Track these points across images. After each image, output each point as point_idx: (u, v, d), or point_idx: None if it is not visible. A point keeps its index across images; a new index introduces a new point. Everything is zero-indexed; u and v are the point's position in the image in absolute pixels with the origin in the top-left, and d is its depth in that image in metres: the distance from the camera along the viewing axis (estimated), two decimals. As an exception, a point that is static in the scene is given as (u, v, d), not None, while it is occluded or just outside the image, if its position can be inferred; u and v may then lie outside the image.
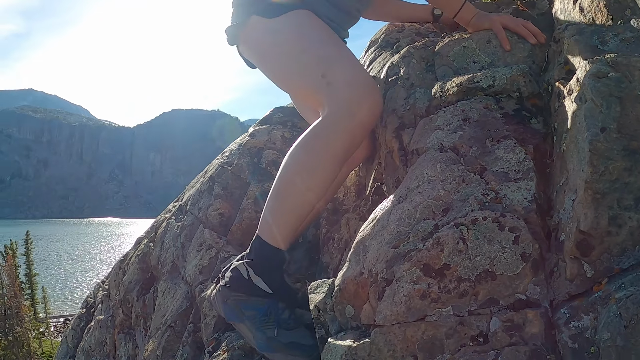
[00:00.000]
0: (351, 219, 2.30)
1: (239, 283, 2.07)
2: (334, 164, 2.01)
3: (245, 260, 2.08)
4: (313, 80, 2.08)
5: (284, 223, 2.04)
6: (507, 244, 1.43)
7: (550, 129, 1.75)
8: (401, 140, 2.06)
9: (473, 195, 1.56)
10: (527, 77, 1.88)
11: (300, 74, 2.19)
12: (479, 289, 1.41)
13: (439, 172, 1.67)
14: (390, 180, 2.11)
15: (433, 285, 1.45)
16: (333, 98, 1.98)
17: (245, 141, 3.78)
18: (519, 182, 1.57)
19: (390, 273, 1.53)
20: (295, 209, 2.04)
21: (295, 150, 2.05)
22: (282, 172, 2.06)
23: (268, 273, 2.05)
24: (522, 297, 1.39)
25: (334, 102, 1.97)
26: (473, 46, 2.17)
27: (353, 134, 1.98)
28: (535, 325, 1.35)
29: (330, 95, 1.99)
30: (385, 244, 1.62)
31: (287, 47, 2.22)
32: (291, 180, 2.02)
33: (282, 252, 2.06)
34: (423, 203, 1.63)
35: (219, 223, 3.36)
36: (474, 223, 1.47)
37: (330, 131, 1.96)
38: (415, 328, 1.44)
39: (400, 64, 2.37)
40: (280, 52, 2.26)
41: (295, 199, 2.03)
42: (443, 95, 2.01)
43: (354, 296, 1.67)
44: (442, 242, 1.47)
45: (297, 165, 2.02)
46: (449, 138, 1.78)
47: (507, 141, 1.70)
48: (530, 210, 1.49)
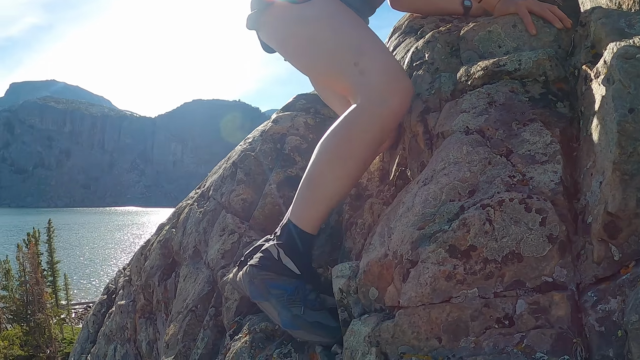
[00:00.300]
0: (375, 204, 2.29)
1: (269, 263, 2.10)
2: (366, 153, 2.03)
3: (276, 242, 2.11)
4: (344, 68, 2.07)
5: (315, 209, 2.06)
6: (533, 225, 1.41)
7: (576, 113, 1.73)
8: (426, 124, 2.05)
9: (499, 177, 1.55)
10: (553, 61, 1.86)
11: (330, 61, 2.18)
12: (505, 271, 1.40)
13: (465, 154, 1.66)
14: (414, 164, 2.11)
15: (459, 266, 1.44)
16: (366, 87, 1.98)
17: (268, 127, 3.78)
18: (546, 164, 1.55)
19: (415, 254, 1.53)
20: (327, 196, 2.06)
21: (328, 138, 2.06)
22: (315, 160, 2.07)
23: (297, 255, 2.08)
24: (548, 280, 1.38)
25: (367, 90, 1.97)
26: (498, 30, 2.15)
27: (386, 122, 1.98)
28: (561, 308, 1.34)
29: (363, 84, 1.99)
30: (410, 226, 1.61)
31: (316, 33, 2.20)
32: (324, 168, 2.04)
33: (312, 237, 2.09)
34: (449, 185, 1.62)
35: (241, 208, 3.36)
36: (501, 204, 1.46)
37: (363, 120, 1.96)
38: (440, 310, 1.44)
39: (424, 48, 2.35)
40: (307, 38, 2.25)
41: (327, 186, 2.05)
42: (468, 79, 2.00)
43: (378, 278, 1.67)
44: (469, 224, 1.46)
45: (330, 154, 2.03)
46: (474, 121, 1.77)
47: (534, 124, 1.68)
48: (557, 192, 1.48)
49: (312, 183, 2.07)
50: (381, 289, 1.66)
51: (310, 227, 2.07)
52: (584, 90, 1.68)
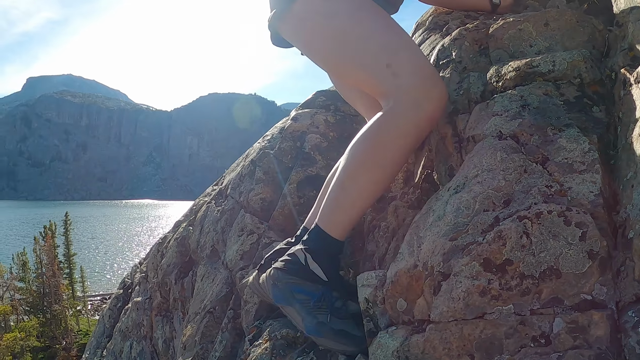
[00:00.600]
0: (399, 207, 2.23)
1: (295, 267, 2.05)
2: (400, 158, 1.97)
3: (303, 246, 2.05)
4: (376, 69, 1.99)
5: (346, 216, 2.01)
6: (573, 240, 1.34)
7: (613, 119, 1.66)
8: (455, 126, 1.99)
9: (536, 187, 1.48)
10: (588, 63, 1.78)
11: (360, 60, 2.08)
12: (542, 287, 1.34)
13: (499, 161, 1.59)
14: (442, 167, 2.04)
15: (494, 281, 1.38)
16: (399, 90, 1.90)
17: (288, 125, 3.72)
18: (584, 174, 1.48)
19: (447, 267, 1.46)
20: (359, 202, 2.00)
21: (359, 143, 2.00)
22: (346, 165, 2.00)
23: (325, 262, 2.02)
24: (587, 298, 1.31)
25: (401, 94, 1.89)
26: (529, 29, 2.07)
27: (421, 128, 1.91)
28: (600, 327, 1.27)
29: (396, 87, 1.91)
30: (441, 236, 1.54)
31: (345, 31, 2.10)
32: (356, 173, 1.97)
33: (340, 243, 2.04)
34: (483, 193, 1.55)
35: (260, 208, 3.31)
36: (539, 217, 1.39)
37: (397, 125, 1.89)
38: (473, 326, 1.37)
39: (451, 46, 2.28)
40: (335, 34, 2.14)
41: (359, 192, 1.98)
42: (499, 80, 1.92)
43: (407, 289, 1.61)
44: (504, 236, 1.40)
45: (363, 159, 1.97)
46: (508, 125, 1.70)
47: (570, 130, 1.61)
48: (597, 204, 1.41)
49: (343, 189, 2.00)
50: (410, 300, 1.60)
51: (339, 234, 2.02)
52: (623, 95, 1.61)
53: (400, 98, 1.88)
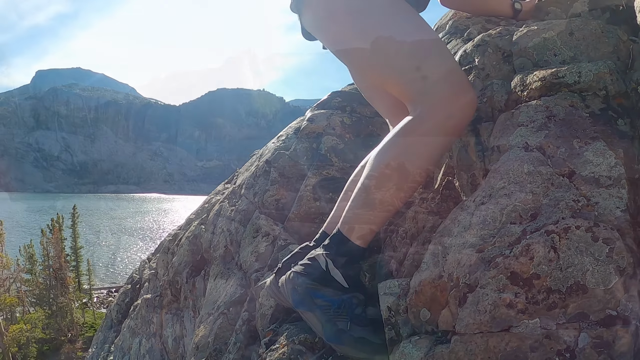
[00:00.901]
0: (419, 213, 2.22)
1: (316, 272, 2.03)
2: (428, 164, 1.93)
3: (324, 252, 2.04)
4: (404, 71, 1.96)
5: (370, 223, 1.99)
6: (600, 256, 1.34)
7: (638, 132, 1.65)
8: (478, 134, 1.98)
9: (564, 201, 1.48)
10: (614, 75, 1.78)
11: (388, 61, 2.04)
12: (568, 302, 1.33)
13: (526, 173, 1.59)
14: (464, 175, 2.03)
15: (520, 294, 1.37)
16: (429, 96, 1.86)
17: (304, 126, 3.71)
18: (610, 188, 1.47)
19: (473, 279, 1.46)
20: (384, 209, 1.97)
21: (386, 149, 1.97)
22: (372, 171, 1.97)
23: (346, 268, 2.01)
24: (613, 313, 1.31)
25: (430, 101, 1.86)
26: (554, 38, 2.06)
27: (450, 133, 1.88)
28: (625, 343, 1.27)
29: (426, 91, 1.87)
30: (468, 247, 1.54)
31: (374, 25, 2.05)
32: (382, 180, 1.93)
33: (363, 250, 2.02)
34: (510, 206, 1.54)
35: (275, 209, 3.31)
36: (567, 232, 1.38)
37: (425, 131, 1.86)
38: (499, 339, 1.37)
39: (474, 52, 2.27)
40: (363, 29, 2.07)
41: (384, 199, 1.94)
42: (524, 90, 1.91)
43: (431, 300, 1.61)
44: (532, 250, 1.39)
45: (389, 166, 1.94)
46: (534, 137, 1.69)
47: (596, 143, 1.60)
48: (624, 220, 1.40)
49: (368, 195, 1.98)
50: (434, 311, 1.59)
51: (363, 240, 2.00)
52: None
53: (430, 105, 1.85)
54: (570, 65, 1.87)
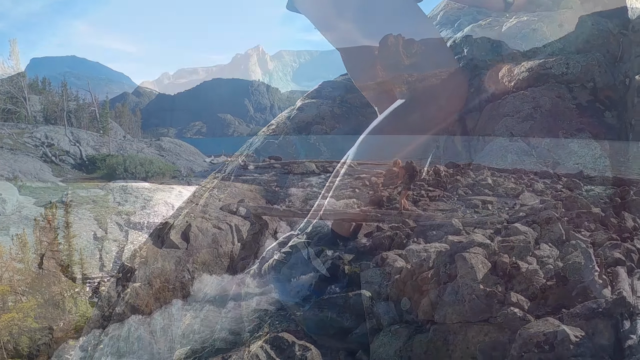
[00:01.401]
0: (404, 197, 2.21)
1: (296, 261, 2.03)
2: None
3: (306, 240, 2.04)
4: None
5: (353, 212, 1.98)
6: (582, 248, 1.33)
7: (624, 125, 1.64)
8: (464, 125, 1.97)
9: (547, 191, 1.46)
10: (602, 67, 1.77)
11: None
12: (549, 294, 1.33)
13: (510, 163, 1.58)
14: (450, 165, 2.02)
15: (500, 285, 1.37)
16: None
17: (293, 115, 3.71)
18: (595, 180, 1.46)
19: (453, 268, 1.45)
20: None
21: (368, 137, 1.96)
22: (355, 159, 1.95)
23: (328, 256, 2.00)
24: (593, 306, 1.31)
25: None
26: (543, 29, 2.05)
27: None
28: (604, 336, 1.27)
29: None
30: (449, 237, 1.53)
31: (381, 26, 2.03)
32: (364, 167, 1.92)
33: (345, 239, 2.02)
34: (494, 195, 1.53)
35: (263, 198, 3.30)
36: (549, 222, 1.38)
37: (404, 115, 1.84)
38: (478, 329, 1.37)
39: (463, 43, 2.27)
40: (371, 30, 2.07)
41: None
42: (511, 80, 1.90)
43: (412, 289, 1.60)
44: (513, 240, 1.38)
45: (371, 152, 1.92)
46: (519, 127, 1.68)
47: (582, 135, 1.59)
48: (606, 210, 1.39)
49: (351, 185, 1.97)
50: (414, 300, 1.59)
51: (345, 230, 1.99)
52: (636, 102, 1.59)
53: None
54: (558, 57, 1.86)
